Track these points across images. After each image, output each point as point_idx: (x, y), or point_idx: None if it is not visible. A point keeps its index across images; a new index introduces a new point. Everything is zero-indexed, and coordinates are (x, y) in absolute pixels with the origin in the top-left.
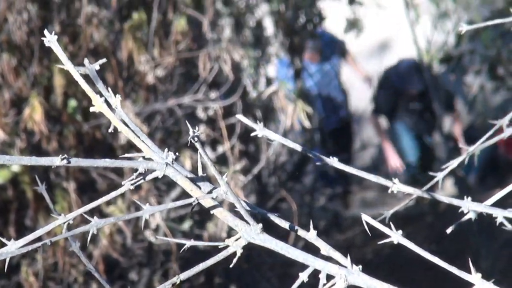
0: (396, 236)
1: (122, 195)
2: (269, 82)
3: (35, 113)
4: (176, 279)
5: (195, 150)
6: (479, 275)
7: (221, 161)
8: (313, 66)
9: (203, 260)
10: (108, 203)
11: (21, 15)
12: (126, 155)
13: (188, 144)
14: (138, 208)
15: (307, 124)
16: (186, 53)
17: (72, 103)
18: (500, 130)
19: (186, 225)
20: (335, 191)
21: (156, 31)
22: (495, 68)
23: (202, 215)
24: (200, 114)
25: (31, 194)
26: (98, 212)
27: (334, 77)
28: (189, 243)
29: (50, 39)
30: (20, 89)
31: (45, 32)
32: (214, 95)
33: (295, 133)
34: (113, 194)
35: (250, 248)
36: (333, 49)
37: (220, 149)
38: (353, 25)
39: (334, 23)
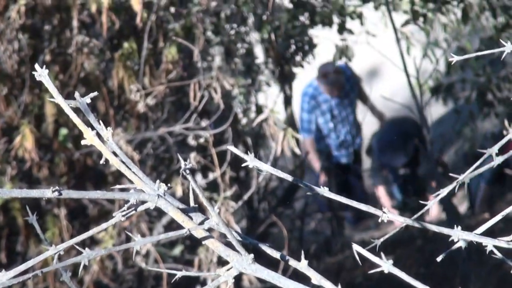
0: (386, 266)
1: None
2: (259, 109)
3: (26, 141)
4: None
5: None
6: None
7: (212, 187)
8: (333, 100)
9: (194, 284)
10: None
11: (12, 44)
12: (118, 186)
13: (180, 174)
14: (128, 234)
15: (296, 151)
16: (177, 82)
17: (63, 131)
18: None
19: (177, 250)
20: (328, 215)
21: (147, 60)
22: (485, 94)
23: (193, 240)
24: (191, 141)
25: (22, 220)
26: (89, 237)
27: (351, 112)
28: (180, 273)
29: (41, 73)
30: (11, 118)
31: (36, 66)
32: (205, 123)
33: (285, 159)
34: (104, 225)
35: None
36: (353, 85)
37: (212, 175)
38: (343, 52)
39: (324, 51)
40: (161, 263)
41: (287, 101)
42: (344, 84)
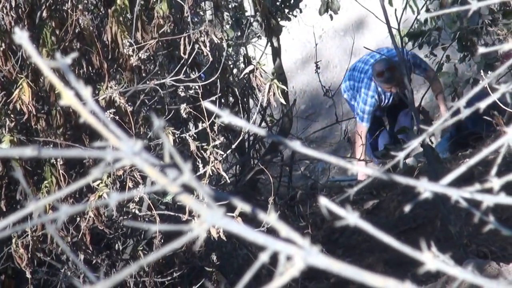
0: (352, 218)
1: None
2: (248, 61)
3: (23, 94)
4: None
5: (176, 126)
6: (431, 254)
7: (204, 137)
8: (388, 94)
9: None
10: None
11: (9, 0)
12: (96, 144)
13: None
14: (122, 182)
15: (282, 101)
16: (168, 36)
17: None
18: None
19: (169, 197)
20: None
21: (139, 15)
22: (464, 38)
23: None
24: (181, 93)
25: (21, 170)
26: (86, 186)
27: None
28: (155, 227)
29: (21, 35)
30: (10, 72)
31: (16, 29)
32: (195, 75)
33: (274, 109)
34: (81, 182)
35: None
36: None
37: (201, 125)
38: (328, 5)
39: (310, 4)
40: (153, 210)
41: (275, 54)
42: (402, 77)
